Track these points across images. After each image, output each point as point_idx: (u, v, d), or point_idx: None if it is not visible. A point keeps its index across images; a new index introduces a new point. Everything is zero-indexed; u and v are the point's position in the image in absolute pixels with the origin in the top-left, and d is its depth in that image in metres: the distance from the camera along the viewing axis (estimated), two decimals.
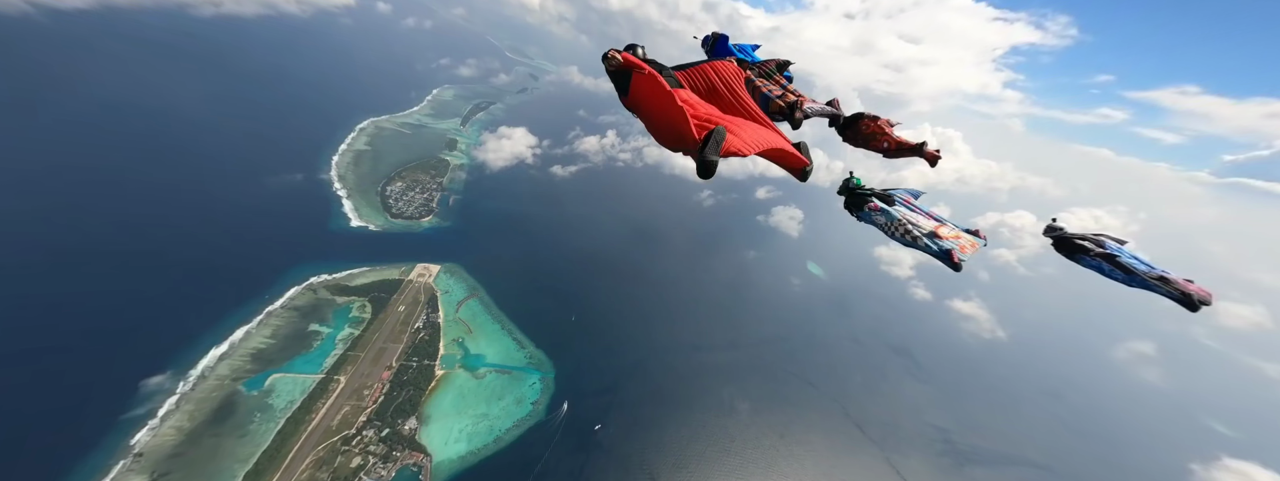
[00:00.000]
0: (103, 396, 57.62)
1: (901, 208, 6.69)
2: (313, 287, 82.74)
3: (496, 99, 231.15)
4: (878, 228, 6.66)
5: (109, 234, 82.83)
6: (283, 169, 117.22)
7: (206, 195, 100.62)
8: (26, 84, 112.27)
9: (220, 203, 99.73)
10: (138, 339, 66.07)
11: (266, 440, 57.95)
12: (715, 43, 7.24)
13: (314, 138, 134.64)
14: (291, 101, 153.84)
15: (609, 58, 4.46)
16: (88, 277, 73.35)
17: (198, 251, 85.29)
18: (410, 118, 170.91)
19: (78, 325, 66.09)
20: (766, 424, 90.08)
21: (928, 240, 6.05)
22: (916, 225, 6.31)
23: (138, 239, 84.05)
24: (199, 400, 60.11)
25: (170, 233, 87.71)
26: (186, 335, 68.27)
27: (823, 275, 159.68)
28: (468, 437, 68.42)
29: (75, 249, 77.35)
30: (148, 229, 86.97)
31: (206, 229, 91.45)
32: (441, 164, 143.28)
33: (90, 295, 70.77)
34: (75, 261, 75.11)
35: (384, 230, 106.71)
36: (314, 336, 73.68)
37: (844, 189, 7.13)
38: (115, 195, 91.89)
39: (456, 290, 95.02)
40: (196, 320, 70.89)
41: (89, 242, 79.37)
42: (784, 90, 6.26)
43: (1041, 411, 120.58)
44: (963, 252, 5.77)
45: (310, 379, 67.04)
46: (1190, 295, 5.13)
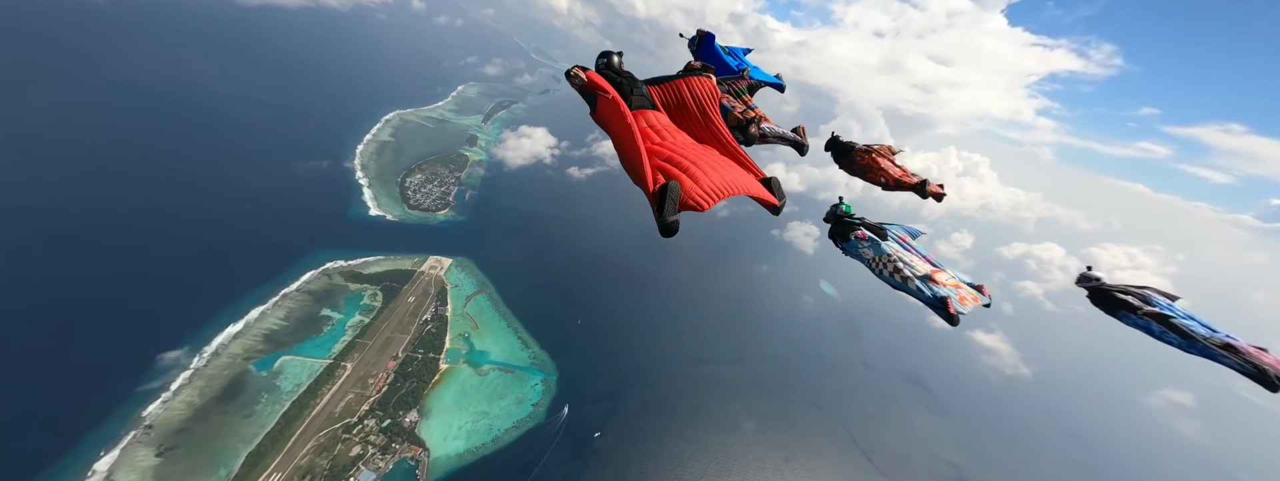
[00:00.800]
0: (123, 367, 58.89)
1: (894, 244, 5.89)
2: (328, 273, 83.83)
3: (519, 98, 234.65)
4: (864, 262, 5.94)
5: (144, 210, 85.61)
6: (310, 155, 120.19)
7: (238, 178, 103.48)
8: (81, 64, 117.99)
9: (250, 185, 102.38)
10: (161, 313, 67.62)
11: (271, 422, 58.24)
12: (701, 42, 6.88)
13: (342, 126, 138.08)
14: (324, 90, 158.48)
15: (572, 75, 4.25)
16: (120, 250, 75.67)
17: (224, 231, 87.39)
18: (434, 112, 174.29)
19: (107, 296, 68.02)
20: (771, 444, 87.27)
21: (920, 283, 5.29)
22: (909, 265, 5.57)
23: (170, 216, 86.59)
24: (211, 376, 60.90)
25: (200, 212, 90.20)
26: (206, 312, 69.63)
27: (835, 295, 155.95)
28: (467, 435, 67.74)
29: (111, 223, 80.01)
30: (180, 207, 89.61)
31: (235, 210, 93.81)
32: (461, 159, 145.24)
33: (121, 267, 72.91)
34: (110, 235, 77.64)
35: (401, 220, 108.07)
36: (325, 321, 74.36)
37: (830, 216, 6.58)
38: (154, 174, 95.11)
39: (466, 284, 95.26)
40: (216, 298, 72.31)
41: (125, 218, 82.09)
42: (747, 108, 6.02)
43: (1063, 455, 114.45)
44: (961, 304, 4.99)
45: (318, 363, 67.46)
46: (1265, 370, 4.12)
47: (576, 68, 4.27)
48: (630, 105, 4.37)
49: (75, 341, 60.60)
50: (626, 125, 4.12)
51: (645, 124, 4.28)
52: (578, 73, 4.26)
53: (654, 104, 4.62)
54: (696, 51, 7.05)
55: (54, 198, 79.40)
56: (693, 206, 3.90)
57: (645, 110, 4.43)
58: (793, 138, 6.54)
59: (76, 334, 61.52)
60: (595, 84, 4.29)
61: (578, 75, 4.25)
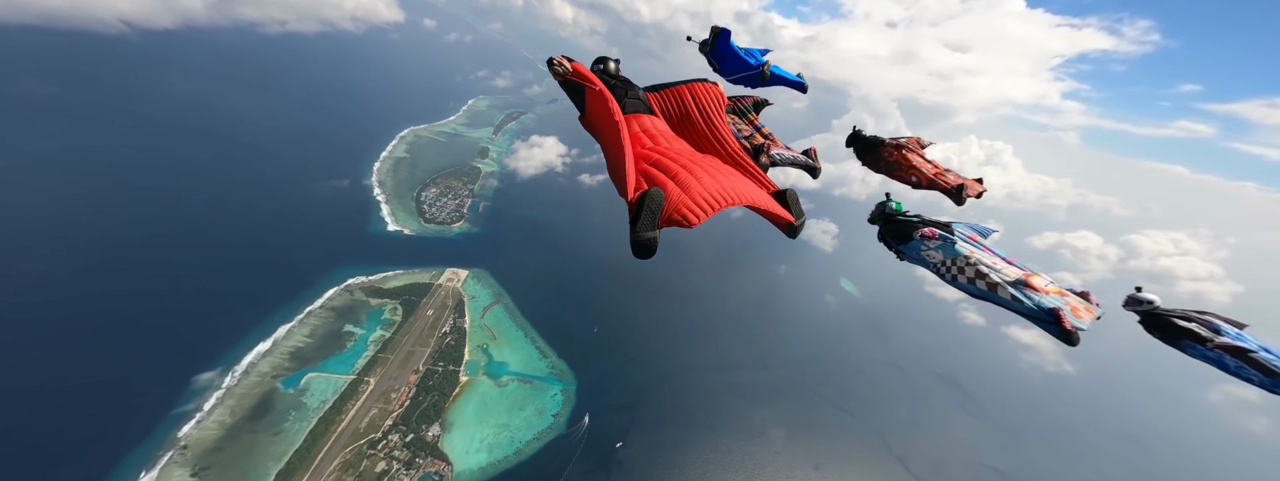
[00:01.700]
0: (160, 388, 61.07)
1: (966, 244, 4.88)
2: (349, 289, 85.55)
3: (528, 109, 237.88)
4: (930, 267, 5.00)
5: (176, 236, 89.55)
6: (331, 175, 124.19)
7: (263, 200, 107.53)
8: (117, 94, 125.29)
9: (275, 207, 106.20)
10: (195, 334, 69.98)
11: (298, 439, 59.16)
12: (715, 41, 6.14)
13: (360, 145, 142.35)
14: (343, 111, 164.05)
15: (554, 64, 3.71)
16: (155, 276, 79.05)
17: (252, 252, 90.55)
18: (447, 127, 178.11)
19: (144, 319, 70.89)
20: (799, 452, 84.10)
21: (1016, 291, 4.28)
22: (995, 269, 4.56)
23: (201, 241, 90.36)
24: (241, 395, 62.47)
25: (229, 234, 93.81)
26: (236, 331, 71.83)
27: (858, 293, 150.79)
28: (489, 448, 67.46)
29: (147, 246, 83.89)
30: (210, 231, 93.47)
31: (261, 231, 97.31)
32: (474, 171, 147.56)
33: (158, 291, 76.12)
34: (145, 258, 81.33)
35: (418, 234, 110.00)
36: (348, 337, 75.67)
37: (878, 215, 5.54)
38: (184, 201, 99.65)
39: (483, 296, 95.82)
40: (246, 317, 74.58)
41: (159, 243, 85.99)
42: (754, 131, 5.59)
43: (1117, 458, 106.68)
44: (1077, 317, 3.99)
45: (342, 379, 68.48)
46: None
47: (560, 56, 3.70)
48: (623, 108, 3.86)
49: (116, 364, 63.10)
50: (613, 124, 3.52)
51: (638, 128, 3.79)
52: (562, 61, 3.69)
53: (650, 109, 4.16)
54: (711, 51, 6.33)
55: (92, 226, 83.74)
56: (678, 221, 3.19)
57: (640, 114, 3.97)
58: (804, 161, 5.94)
59: (117, 357, 64.12)
60: (581, 76, 3.76)
61: (562, 64, 3.68)
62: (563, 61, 3.74)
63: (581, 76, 3.80)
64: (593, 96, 3.80)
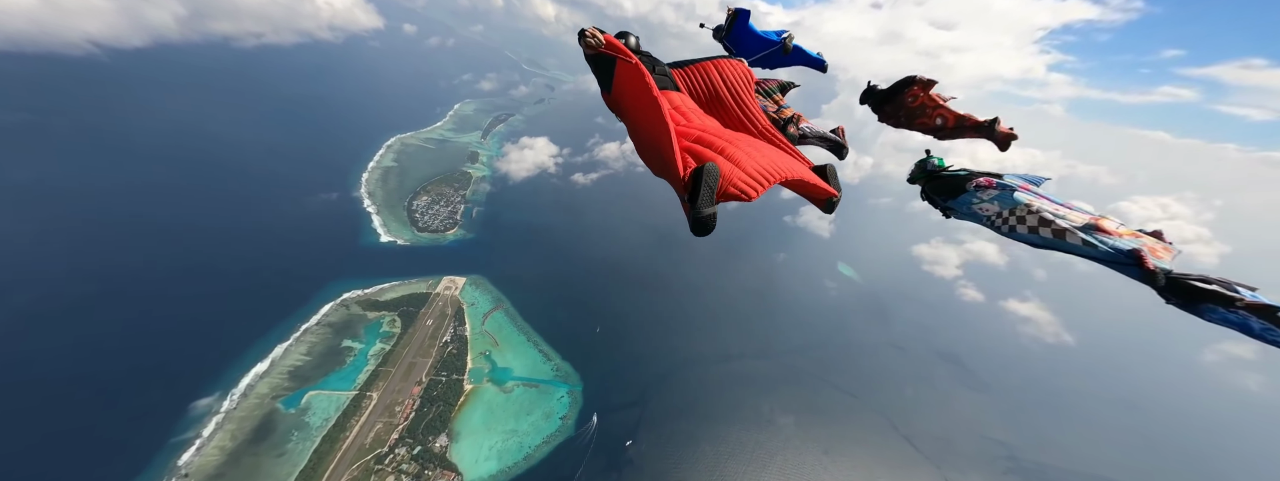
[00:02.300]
0: (157, 416, 59.82)
1: (1022, 193, 4.45)
2: (345, 303, 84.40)
3: (515, 110, 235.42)
4: (984, 221, 4.52)
5: (163, 260, 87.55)
6: (319, 189, 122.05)
7: (251, 218, 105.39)
8: (89, 117, 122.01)
9: (263, 224, 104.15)
10: (190, 359, 68.55)
11: (303, 459, 58.42)
12: (732, 23, 6.04)
13: (347, 156, 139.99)
14: (327, 122, 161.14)
15: (587, 36, 3.57)
16: (142, 304, 77.31)
17: (243, 272, 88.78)
18: (434, 133, 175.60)
19: (135, 348, 69.39)
20: (808, 438, 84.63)
21: (1087, 236, 3.86)
22: (1061, 215, 4.11)
23: (189, 263, 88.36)
24: (240, 419, 61.51)
25: (218, 255, 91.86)
26: (232, 354, 70.50)
27: (856, 277, 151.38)
28: (498, 455, 67.11)
29: (132, 276, 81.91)
30: (198, 253, 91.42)
31: (251, 250, 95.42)
32: (464, 177, 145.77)
33: (146, 319, 74.39)
34: (131, 288, 79.47)
35: (412, 244, 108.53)
36: (347, 352, 74.71)
37: (920, 173, 5.27)
38: (170, 223, 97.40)
39: (482, 302, 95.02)
40: (241, 339, 73.24)
41: (146, 268, 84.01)
42: (779, 106, 5.59)
43: (1118, 424, 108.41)
44: (1156, 257, 3.61)
45: (344, 396, 67.66)
46: None
47: (592, 28, 3.62)
48: (655, 84, 3.68)
49: (109, 397, 61.78)
50: (651, 100, 3.40)
51: (669, 105, 3.63)
52: (594, 32, 3.58)
53: (676, 86, 4.07)
54: (727, 36, 6.18)
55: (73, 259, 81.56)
56: (736, 194, 3.21)
57: (669, 91, 3.88)
58: (832, 138, 5.67)
59: (110, 390, 62.74)
60: (614, 48, 3.63)
61: (594, 36, 3.58)
62: (595, 33, 3.60)
63: (615, 49, 3.63)
64: (626, 70, 3.62)
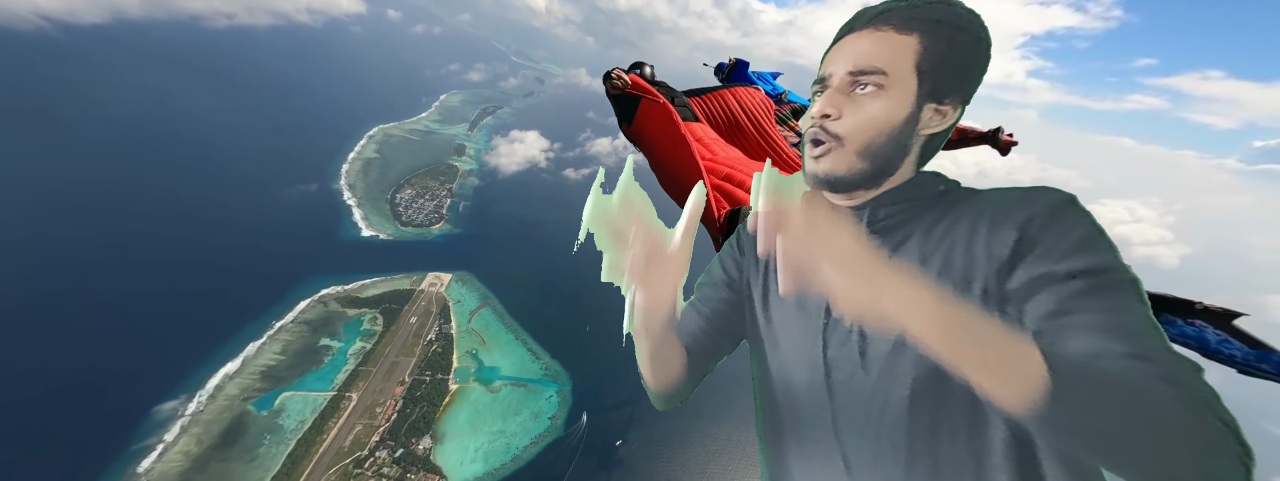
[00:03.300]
0: (114, 424, 55.90)
1: None
2: (323, 300, 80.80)
3: (504, 103, 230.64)
4: None
5: (127, 250, 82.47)
6: (297, 179, 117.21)
7: (222, 209, 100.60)
8: (41, 98, 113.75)
9: (235, 216, 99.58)
10: (152, 360, 64.69)
11: (276, 464, 55.43)
12: (732, 70, 5.87)
13: (326, 146, 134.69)
14: (304, 110, 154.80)
15: (613, 78, 3.63)
16: (107, 293, 72.51)
17: (213, 265, 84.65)
18: (419, 124, 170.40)
19: (91, 349, 64.87)
20: None
21: None
22: None
23: (154, 255, 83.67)
24: (207, 422, 57.97)
25: (185, 247, 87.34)
26: (199, 353, 66.76)
27: None
28: (484, 457, 65.19)
29: (95, 266, 76.84)
30: (164, 244, 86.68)
31: (222, 242, 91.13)
32: (450, 170, 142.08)
33: (105, 317, 69.75)
34: (96, 278, 74.51)
35: (395, 239, 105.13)
36: (324, 351, 71.43)
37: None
38: (134, 212, 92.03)
39: (469, 299, 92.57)
40: (210, 337, 69.44)
41: (108, 260, 78.92)
42: (799, 136, 4.88)
43: None
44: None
45: (321, 397, 64.61)
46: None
47: (616, 69, 3.64)
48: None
49: (65, 398, 57.64)
50: (680, 138, 3.34)
51: (692, 137, 3.51)
52: (620, 74, 3.61)
53: (696, 116, 3.90)
54: (726, 80, 5.92)
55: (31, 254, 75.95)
56: None
57: (690, 122, 3.71)
58: None
59: (67, 391, 58.57)
60: (641, 88, 3.61)
61: (620, 77, 3.59)
62: (621, 75, 3.62)
63: (642, 89, 3.61)
64: (651, 109, 3.59)
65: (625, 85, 3.57)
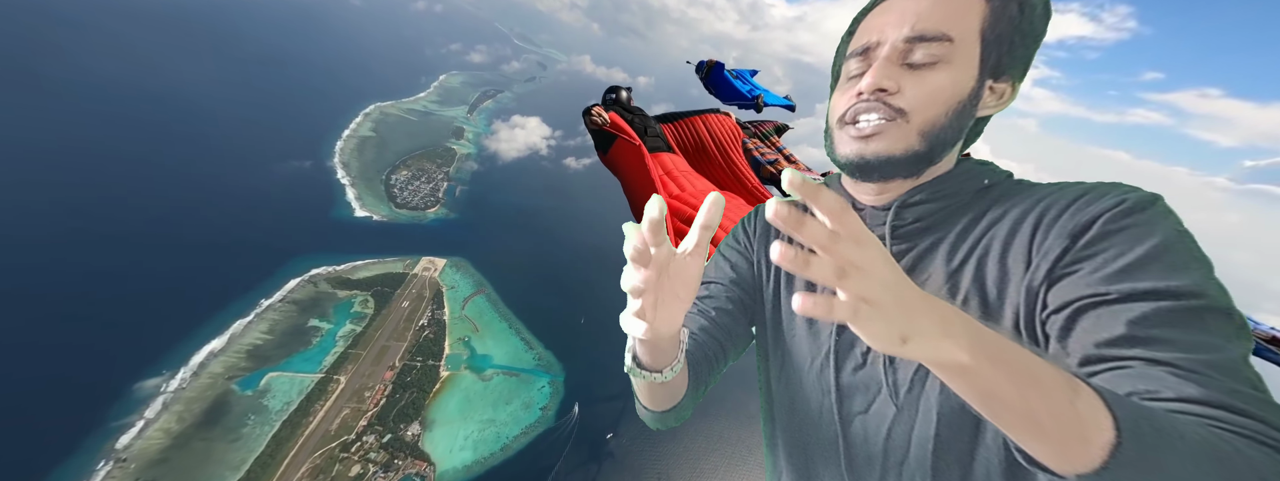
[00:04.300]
0: (94, 399, 54.27)
1: None
2: (313, 280, 78.94)
3: (505, 87, 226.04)
4: None
5: (113, 221, 79.77)
6: (290, 155, 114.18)
7: (212, 182, 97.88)
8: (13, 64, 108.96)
9: (226, 190, 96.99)
10: (135, 332, 63.06)
11: (260, 445, 54.25)
12: (710, 70, 6.15)
13: (322, 122, 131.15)
14: (301, 84, 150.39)
15: (592, 114, 3.94)
16: (88, 265, 70.13)
17: (199, 241, 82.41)
18: (417, 104, 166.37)
19: (72, 322, 62.86)
20: None
21: None
22: None
23: (141, 226, 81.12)
24: (190, 400, 56.50)
25: (173, 220, 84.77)
26: (184, 329, 64.95)
27: None
28: (474, 445, 64.50)
29: (78, 235, 74.22)
30: (151, 217, 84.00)
31: (210, 216, 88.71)
32: (448, 153, 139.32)
33: (92, 282, 67.53)
34: (78, 247, 72.03)
35: (389, 220, 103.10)
36: (313, 332, 69.87)
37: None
38: (120, 182, 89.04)
39: (463, 285, 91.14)
40: (195, 313, 67.65)
41: (93, 229, 76.28)
42: (779, 154, 5.34)
43: None
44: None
45: (308, 378, 63.25)
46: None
47: (596, 107, 3.98)
48: (647, 147, 4.02)
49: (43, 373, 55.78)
50: (645, 175, 3.80)
51: (661, 171, 3.94)
52: (598, 112, 3.94)
53: (669, 145, 4.23)
54: (706, 80, 6.02)
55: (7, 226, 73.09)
56: None
57: (661, 152, 4.09)
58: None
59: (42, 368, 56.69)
60: (618, 128, 3.95)
61: (599, 115, 3.92)
62: (600, 113, 3.93)
63: (619, 129, 3.94)
64: (624, 147, 3.92)
65: (604, 123, 3.85)
